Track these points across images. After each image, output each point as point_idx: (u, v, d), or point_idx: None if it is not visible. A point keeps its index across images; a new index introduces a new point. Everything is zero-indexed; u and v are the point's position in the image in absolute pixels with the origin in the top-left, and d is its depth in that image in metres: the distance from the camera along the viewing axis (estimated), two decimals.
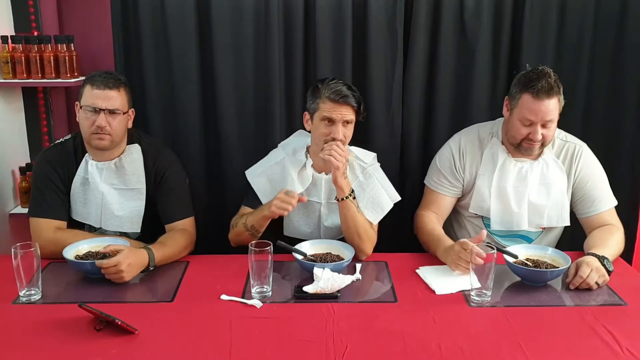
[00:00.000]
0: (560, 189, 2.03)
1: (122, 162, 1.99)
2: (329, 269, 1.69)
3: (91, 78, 1.92)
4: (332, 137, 1.94)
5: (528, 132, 1.93)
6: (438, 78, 2.42)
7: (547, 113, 1.89)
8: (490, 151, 2.05)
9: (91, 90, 1.90)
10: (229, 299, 1.63)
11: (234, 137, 2.47)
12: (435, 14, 2.37)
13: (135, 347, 1.40)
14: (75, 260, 1.78)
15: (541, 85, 1.87)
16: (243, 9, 2.35)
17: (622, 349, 1.39)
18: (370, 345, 1.41)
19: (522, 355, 1.37)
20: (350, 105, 1.95)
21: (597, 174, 2.07)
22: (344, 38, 2.35)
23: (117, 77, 1.95)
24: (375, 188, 2.06)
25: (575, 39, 2.42)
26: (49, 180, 1.96)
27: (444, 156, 2.13)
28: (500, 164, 2.02)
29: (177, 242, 1.92)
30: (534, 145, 1.94)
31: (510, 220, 2.04)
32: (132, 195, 2.00)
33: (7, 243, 2.45)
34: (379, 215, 2.05)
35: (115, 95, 1.91)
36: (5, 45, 2.41)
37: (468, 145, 2.09)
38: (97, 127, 1.89)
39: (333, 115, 1.94)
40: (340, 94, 1.94)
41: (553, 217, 2.04)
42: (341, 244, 1.92)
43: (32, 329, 1.47)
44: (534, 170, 2.02)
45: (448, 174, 2.10)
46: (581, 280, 1.71)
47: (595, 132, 2.50)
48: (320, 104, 1.97)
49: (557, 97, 1.90)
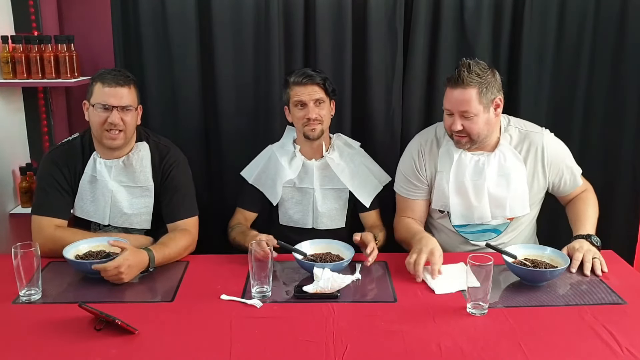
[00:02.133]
0: (519, 178, 2.03)
1: (130, 160, 2.00)
2: (329, 268, 1.70)
3: (101, 76, 1.93)
4: (307, 117, 2.06)
5: (450, 122, 1.95)
6: (438, 78, 2.42)
7: (460, 103, 1.90)
8: (445, 148, 2.06)
9: (102, 88, 1.91)
10: (229, 299, 1.63)
11: (234, 136, 2.48)
12: (435, 13, 2.38)
13: (135, 347, 1.40)
14: (75, 260, 1.78)
15: (453, 75, 1.91)
16: (243, 8, 2.35)
17: (622, 348, 1.39)
18: (370, 345, 1.41)
19: (522, 355, 1.37)
20: (316, 84, 2.07)
21: (564, 154, 2.09)
22: (344, 38, 2.36)
23: (126, 74, 1.97)
24: (364, 174, 2.21)
25: (575, 39, 2.42)
26: (53, 180, 1.97)
27: (405, 161, 2.14)
28: (456, 159, 2.02)
29: (178, 243, 1.92)
30: (460, 139, 1.96)
31: (471, 214, 2.05)
32: (140, 193, 2.01)
33: (7, 243, 2.45)
34: (370, 198, 2.19)
35: (127, 92, 1.93)
36: (6, 45, 2.41)
37: (426, 145, 2.10)
38: (109, 124, 1.90)
39: (302, 97, 2.06)
40: (305, 75, 2.07)
41: (516, 208, 2.04)
42: (341, 243, 1.92)
43: (32, 329, 1.47)
44: (491, 162, 2.01)
45: (412, 177, 2.10)
46: (577, 264, 1.81)
47: (596, 132, 2.51)
48: (290, 92, 2.11)
49: (475, 89, 1.88)
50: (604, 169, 2.52)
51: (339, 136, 2.26)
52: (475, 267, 1.52)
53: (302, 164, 2.16)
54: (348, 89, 2.42)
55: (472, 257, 1.55)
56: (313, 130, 2.09)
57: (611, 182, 2.48)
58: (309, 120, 2.07)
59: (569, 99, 2.49)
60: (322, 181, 2.17)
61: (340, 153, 2.19)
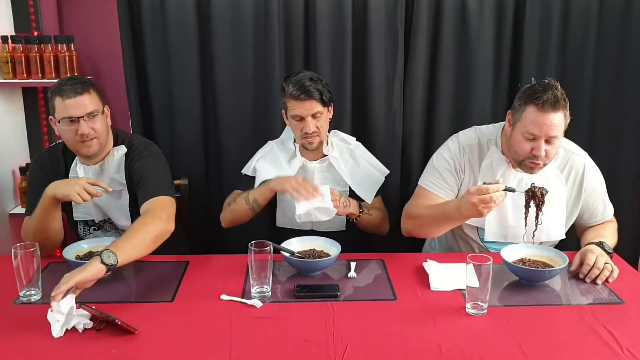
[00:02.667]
0: (560, 203, 1.95)
1: (104, 165, 2.00)
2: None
3: (58, 90, 1.87)
4: (305, 132, 2.03)
5: (531, 147, 1.81)
6: (438, 78, 2.42)
7: (551, 127, 1.77)
8: (489, 160, 1.96)
9: (63, 102, 1.86)
10: (229, 299, 1.63)
11: (234, 137, 2.48)
12: (436, 13, 2.38)
13: (135, 347, 1.40)
14: (75, 260, 1.78)
15: (547, 97, 1.76)
16: (243, 9, 2.35)
17: (622, 348, 1.39)
18: (370, 345, 1.41)
19: (522, 355, 1.37)
20: (314, 99, 2.00)
21: (601, 185, 2.02)
22: (344, 38, 2.36)
23: (82, 80, 1.92)
24: (365, 168, 2.18)
25: (578, 39, 2.41)
26: (37, 184, 1.96)
27: (442, 157, 2.02)
28: (499, 175, 1.93)
29: (135, 225, 1.74)
30: (537, 165, 1.84)
31: (506, 233, 1.97)
32: (117, 195, 2.00)
33: (7, 243, 2.45)
34: (372, 193, 2.15)
35: (88, 98, 1.88)
36: (5, 45, 2.41)
37: (468, 148, 1.99)
38: (81, 135, 1.87)
39: (299, 112, 2.02)
40: (302, 89, 1.99)
41: (552, 232, 1.96)
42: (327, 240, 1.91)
43: (32, 329, 1.47)
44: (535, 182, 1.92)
45: (446, 175, 2.00)
46: (589, 268, 1.74)
47: (600, 134, 2.49)
48: (287, 103, 2.06)
49: (563, 112, 1.79)
50: (608, 171, 2.51)
51: (335, 133, 2.23)
52: (474, 267, 1.52)
53: (302, 165, 2.14)
54: (348, 89, 2.41)
55: (471, 257, 1.55)
56: (311, 143, 2.07)
57: (616, 184, 2.47)
58: (307, 134, 2.05)
59: (573, 99, 2.47)
60: (322, 183, 2.13)
61: (339, 151, 2.18)
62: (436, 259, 1.86)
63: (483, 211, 1.72)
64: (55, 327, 1.43)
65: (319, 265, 1.81)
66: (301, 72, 2.07)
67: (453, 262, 1.84)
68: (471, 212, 1.75)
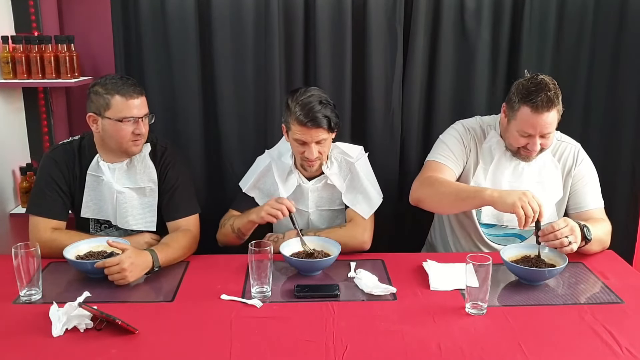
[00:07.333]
0: (555, 188, 2.03)
1: (132, 162, 2.00)
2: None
3: (116, 88, 1.87)
4: (306, 157, 1.95)
5: (526, 142, 1.92)
6: (438, 78, 2.43)
7: (545, 126, 1.87)
8: (488, 144, 2.05)
9: (126, 102, 1.87)
10: (229, 299, 1.64)
11: (234, 137, 2.48)
12: (435, 14, 2.38)
13: (135, 347, 1.40)
14: (75, 260, 1.78)
15: (540, 99, 1.82)
16: (243, 9, 2.35)
17: (622, 348, 1.39)
18: (370, 345, 1.41)
19: (522, 355, 1.37)
20: (321, 127, 1.90)
21: (591, 174, 2.08)
22: (344, 38, 2.36)
23: (135, 82, 1.94)
24: (364, 184, 2.06)
25: (574, 39, 2.43)
26: (52, 180, 1.96)
27: (451, 136, 2.09)
28: (497, 159, 2.02)
29: (180, 242, 1.92)
30: (532, 154, 1.95)
31: (502, 215, 2.03)
32: (144, 193, 2.01)
33: (7, 243, 2.45)
34: (371, 210, 2.04)
35: (145, 100, 1.94)
36: (6, 46, 2.41)
37: (473, 132, 2.09)
38: (137, 135, 1.91)
39: (304, 138, 1.92)
40: (309, 116, 1.88)
41: (547, 216, 1.97)
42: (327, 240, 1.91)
43: (32, 329, 1.47)
44: (531, 168, 2.01)
45: (455, 148, 2.05)
46: (552, 230, 1.73)
47: (595, 133, 2.51)
48: (291, 124, 1.94)
49: (556, 108, 1.87)
50: (603, 169, 2.51)
51: (336, 146, 2.10)
52: (474, 267, 1.53)
53: (298, 184, 2.06)
54: (348, 89, 2.41)
55: (471, 257, 1.55)
56: (311, 166, 2.01)
57: (611, 182, 2.47)
58: (308, 159, 1.97)
59: (569, 99, 2.48)
60: (319, 202, 2.09)
61: (339, 166, 2.08)
62: (436, 259, 1.86)
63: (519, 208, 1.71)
64: (56, 326, 1.44)
65: (319, 265, 1.81)
66: (309, 90, 1.94)
67: (453, 262, 1.84)
68: (510, 197, 1.75)
